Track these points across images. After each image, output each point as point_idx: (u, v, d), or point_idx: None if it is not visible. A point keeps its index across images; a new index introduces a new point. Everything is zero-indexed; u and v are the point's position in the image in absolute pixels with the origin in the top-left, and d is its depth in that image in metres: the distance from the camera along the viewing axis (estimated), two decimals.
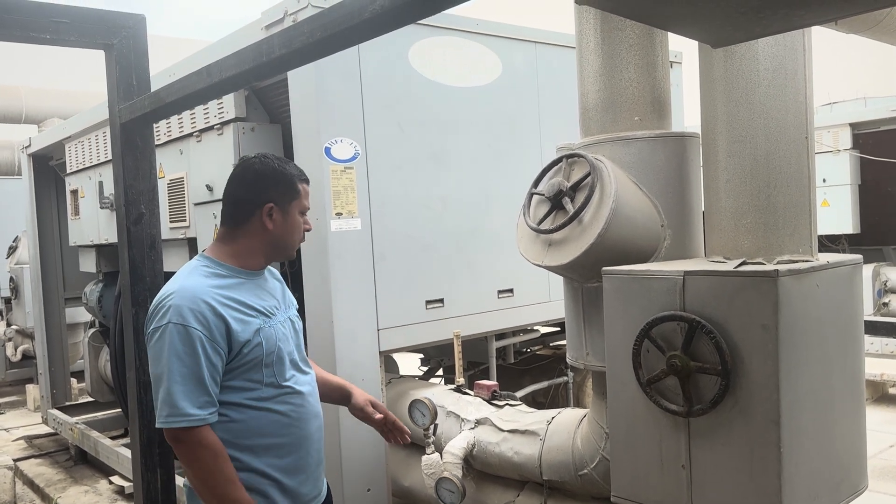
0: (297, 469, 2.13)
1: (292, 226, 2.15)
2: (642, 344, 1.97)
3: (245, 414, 2.04)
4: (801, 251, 2.04)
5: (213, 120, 3.77)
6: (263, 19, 3.25)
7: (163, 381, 1.94)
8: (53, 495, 5.54)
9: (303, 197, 2.16)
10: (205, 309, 1.96)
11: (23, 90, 9.67)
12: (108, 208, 5.04)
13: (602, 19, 2.41)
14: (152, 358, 1.99)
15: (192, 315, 1.94)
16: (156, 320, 1.98)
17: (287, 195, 2.12)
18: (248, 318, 2.03)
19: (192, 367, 1.93)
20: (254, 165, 2.14)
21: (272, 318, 2.11)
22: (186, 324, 1.93)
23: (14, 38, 2.26)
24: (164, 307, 1.98)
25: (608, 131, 2.42)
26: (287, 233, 2.14)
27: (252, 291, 2.10)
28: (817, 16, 1.39)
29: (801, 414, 1.80)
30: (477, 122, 3.62)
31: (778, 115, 2.02)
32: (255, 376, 2.04)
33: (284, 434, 2.09)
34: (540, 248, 2.42)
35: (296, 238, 2.18)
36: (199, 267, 2.09)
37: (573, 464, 2.65)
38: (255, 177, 2.12)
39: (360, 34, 1.49)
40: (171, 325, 1.94)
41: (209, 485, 1.97)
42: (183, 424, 1.93)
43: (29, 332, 8.31)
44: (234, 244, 2.13)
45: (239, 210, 2.13)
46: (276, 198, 2.11)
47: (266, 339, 2.05)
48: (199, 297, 1.97)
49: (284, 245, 2.17)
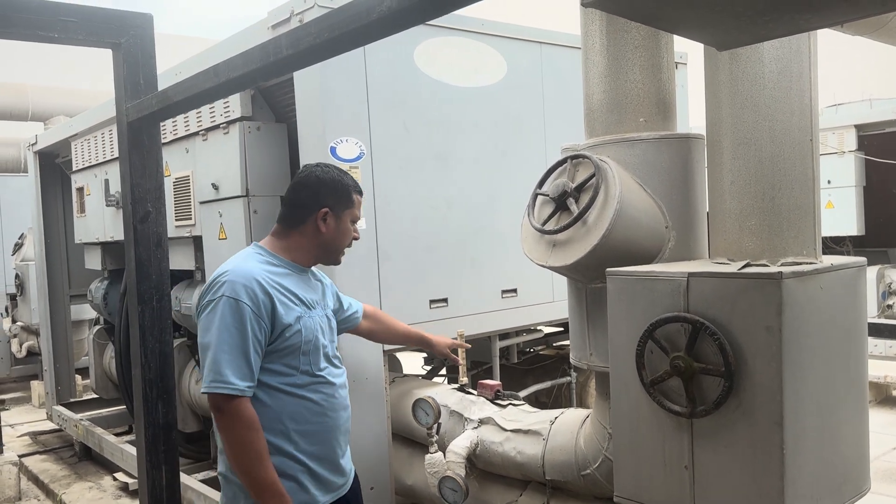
0: (325, 457, 2.29)
1: (343, 232, 2.36)
2: (646, 345, 1.98)
3: (280, 400, 2.20)
4: (806, 253, 2.04)
5: (219, 119, 3.79)
6: (270, 19, 3.26)
7: (211, 349, 2.10)
8: (58, 491, 5.56)
9: (356, 207, 2.38)
10: (255, 287, 2.14)
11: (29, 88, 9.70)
12: (114, 206, 5.06)
13: (608, 20, 2.41)
14: (203, 328, 2.15)
15: (243, 291, 2.12)
16: (210, 294, 2.16)
17: (342, 203, 2.34)
18: (292, 305, 2.21)
19: (239, 339, 2.09)
20: (315, 172, 2.36)
21: (312, 310, 2.30)
22: (238, 298, 2.11)
23: (23, 37, 2.28)
24: (218, 283, 2.17)
25: (613, 132, 2.43)
26: (337, 238, 2.35)
27: (298, 283, 2.29)
28: (823, 19, 1.40)
29: (804, 416, 1.81)
30: (482, 123, 3.63)
31: (783, 118, 2.02)
32: (292, 362, 2.21)
33: (315, 422, 2.25)
34: (544, 248, 2.43)
35: (344, 243, 2.39)
36: (253, 254, 2.30)
37: (576, 464, 2.66)
38: (315, 183, 2.33)
39: (368, 35, 1.49)
40: (224, 298, 2.12)
41: (239, 457, 2.12)
42: (225, 391, 2.07)
43: (34, 328, 8.35)
44: (287, 240, 2.34)
45: (297, 212, 2.34)
46: (332, 204, 2.32)
47: (305, 327, 2.23)
48: (251, 276, 2.16)
49: (333, 249, 2.38)
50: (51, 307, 6.69)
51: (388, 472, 3.28)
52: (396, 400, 3.37)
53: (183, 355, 4.97)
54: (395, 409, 3.34)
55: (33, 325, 8.34)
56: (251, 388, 2.12)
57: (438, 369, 4.56)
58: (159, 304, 2.52)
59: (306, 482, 2.24)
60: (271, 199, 3.75)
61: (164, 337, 2.54)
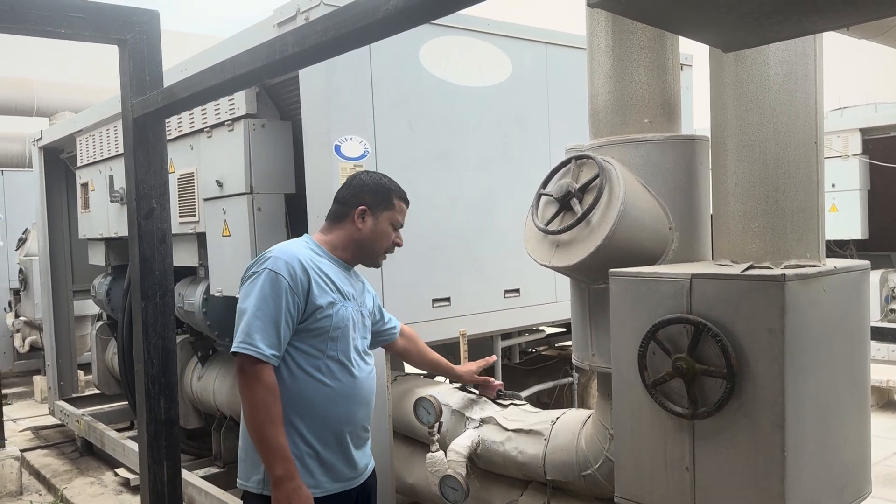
0: (336, 445, 2.36)
1: (379, 232, 2.46)
2: (648, 346, 1.98)
3: (299, 380, 2.30)
4: (809, 256, 2.04)
5: (224, 116, 3.79)
6: (276, 17, 3.26)
7: (246, 314, 2.23)
8: (59, 486, 5.58)
9: (396, 211, 2.48)
10: (296, 265, 2.28)
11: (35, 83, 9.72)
12: (119, 202, 5.07)
13: (613, 21, 2.41)
14: (243, 295, 2.29)
15: (284, 266, 2.26)
16: (255, 266, 2.32)
17: (380, 204, 2.45)
18: (327, 290, 2.34)
19: (273, 310, 2.22)
20: (361, 175, 2.52)
21: (347, 301, 2.40)
22: (278, 271, 2.25)
23: (30, 32, 2.29)
24: (264, 257, 2.32)
25: (617, 133, 2.43)
26: (373, 237, 2.45)
27: (338, 274, 2.42)
28: (829, 22, 1.40)
29: (806, 418, 1.81)
30: (486, 122, 3.63)
31: (787, 120, 2.02)
32: (319, 345, 2.32)
33: (330, 408, 2.33)
34: (547, 248, 2.43)
35: (381, 245, 2.48)
36: (301, 241, 2.45)
37: (577, 464, 2.66)
38: (358, 183, 2.47)
39: (374, 33, 1.50)
40: (267, 270, 2.26)
41: (255, 419, 2.21)
42: (250, 353, 2.19)
43: (37, 323, 8.36)
44: (330, 235, 2.47)
45: (340, 208, 2.48)
46: (370, 203, 2.44)
47: (336, 314, 2.33)
48: (294, 255, 2.31)
49: (369, 248, 2.47)
50: (54, 302, 6.71)
51: (390, 470, 3.29)
52: (398, 398, 3.38)
53: (185, 352, 4.98)
54: (396, 408, 3.35)
55: (36, 321, 8.36)
56: (276, 358, 2.23)
57: None
58: (163, 300, 2.53)
59: (313, 466, 2.31)
60: (275, 196, 3.76)
61: (167, 333, 2.55)
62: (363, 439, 2.49)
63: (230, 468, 4.59)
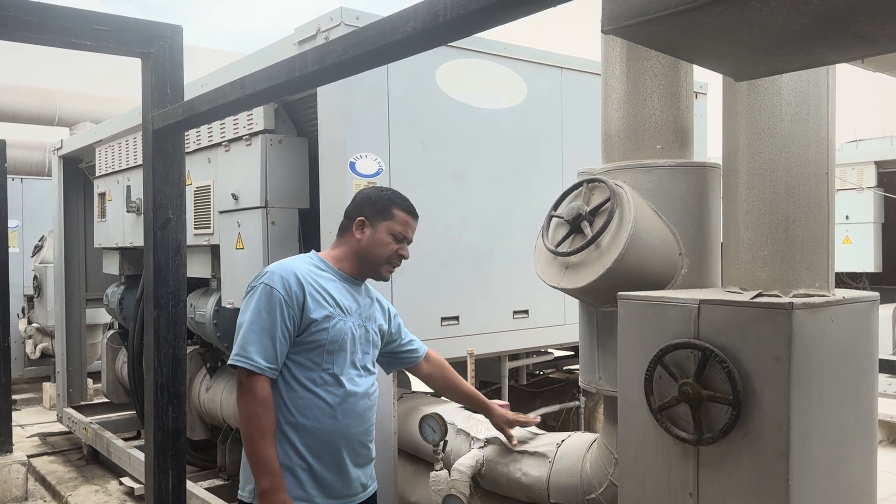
0: (329, 460, 2.34)
1: (378, 242, 2.44)
2: (655, 370, 1.98)
3: (295, 391, 2.33)
4: (818, 286, 2.04)
5: (241, 131, 3.85)
6: (296, 35, 3.32)
7: (243, 328, 2.29)
8: (64, 493, 5.59)
9: (395, 222, 2.45)
10: (291, 279, 2.31)
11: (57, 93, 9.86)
12: (135, 212, 5.13)
13: (628, 48, 2.45)
14: (241, 310, 2.35)
15: (280, 281, 2.30)
16: (254, 281, 2.36)
17: (378, 214, 2.45)
18: (324, 304, 2.35)
19: (269, 324, 2.26)
20: (366, 189, 2.55)
21: (347, 316, 2.40)
22: (273, 285, 2.29)
23: (56, 44, 2.34)
24: (263, 273, 2.36)
25: (630, 158, 2.45)
26: (371, 246, 2.44)
27: (340, 289, 2.42)
28: (841, 54, 1.41)
29: (811, 448, 1.80)
30: (500, 144, 3.66)
31: (799, 150, 2.04)
32: (315, 358, 2.34)
33: (323, 421, 2.32)
34: (557, 270, 2.44)
35: (379, 255, 2.45)
36: (304, 256, 2.49)
37: (581, 488, 2.65)
38: (361, 196, 2.51)
39: (392, 54, 1.53)
40: (263, 285, 2.31)
41: (245, 430, 2.26)
42: (245, 365, 2.24)
43: (49, 330, 8.43)
44: (336, 250, 2.51)
45: (344, 223, 2.52)
46: (369, 214, 2.45)
47: (333, 328, 2.34)
48: (291, 270, 2.34)
49: (369, 259, 2.46)
50: (66, 310, 6.77)
51: (393, 487, 3.28)
52: (404, 416, 3.38)
53: (195, 363, 5.00)
54: (401, 426, 3.35)
55: (48, 327, 8.42)
56: (272, 370, 2.26)
57: None
58: (175, 310, 2.55)
59: (304, 479, 2.31)
60: (290, 210, 3.80)
61: (178, 342, 2.56)
62: (363, 456, 2.46)
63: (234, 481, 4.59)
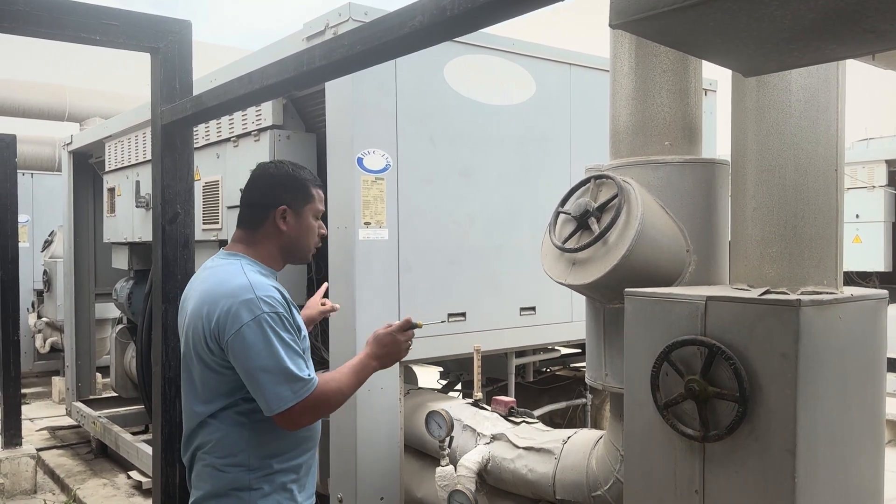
0: (307, 467, 2.22)
1: (306, 228, 2.22)
2: (661, 367, 1.98)
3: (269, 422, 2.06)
4: (826, 283, 2.04)
5: (250, 126, 3.85)
6: (305, 31, 3.32)
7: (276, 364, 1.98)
8: (73, 486, 5.63)
9: (316, 201, 2.24)
10: (279, 297, 2.06)
11: (67, 89, 9.91)
12: (144, 207, 5.15)
13: (637, 44, 2.44)
14: (255, 351, 1.98)
15: (276, 303, 2.04)
16: (242, 316, 1.99)
17: (300, 198, 2.20)
18: (295, 311, 2.15)
19: (291, 346, 2.02)
20: (269, 170, 2.24)
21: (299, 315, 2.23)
22: (275, 310, 2.02)
23: (67, 38, 2.35)
24: (247, 303, 2.00)
25: (638, 154, 2.44)
26: (300, 235, 2.22)
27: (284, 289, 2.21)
28: (850, 50, 1.41)
29: (818, 445, 1.80)
30: (508, 140, 3.66)
31: (808, 147, 2.03)
32: None
33: (306, 433, 2.18)
34: (564, 266, 2.44)
35: (310, 241, 2.25)
36: (245, 265, 2.13)
37: (587, 485, 2.65)
38: (270, 181, 2.21)
39: (399, 49, 1.53)
40: (264, 314, 1.99)
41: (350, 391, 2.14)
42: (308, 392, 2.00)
43: (58, 324, 8.48)
44: (256, 247, 2.20)
45: (255, 213, 2.21)
46: (289, 200, 2.19)
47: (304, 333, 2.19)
48: (269, 286, 2.07)
49: (299, 248, 2.24)
50: (76, 304, 6.80)
51: (399, 483, 3.29)
52: (410, 412, 3.39)
53: None
54: (408, 421, 3.35)
55: (58, 322, 8.48)
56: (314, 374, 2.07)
57: (454, 384, 4.57)
58: None
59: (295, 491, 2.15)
60: None
61: None
62: None
63: None
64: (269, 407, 1.99)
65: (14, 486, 5.61)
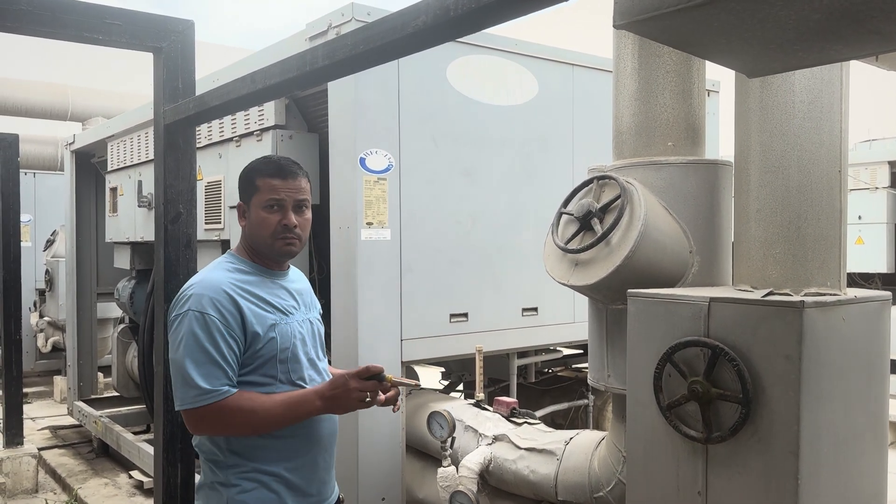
0: (304, 468, 2.14)
1: (256, 221, 2.14)
2: (664, 368, 1.97)
3: None
4: (830, 284, 2.03)
5: (253, 126, 3.85)
6: (307, 31, 3.32)
7: (180, 364, 1.99)
8: (74, 486, 5.63)
9: (263, 191, 2.12)
10: (222, 298, 2.02)
11: (70, 88, 9.92)
12: (146, 207, 5.16)
13: (640, 44, 2.43)
14: (173, 343, 2.04)
15: (210, 303, 2.00)
16: (177, 309, 2.05)
17: (247, 192, 2.17)
18: (264, 313, 2.08)
19: (208, 352, 1.97)
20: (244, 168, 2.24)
21: (289, 316, 2.14)
22: (204, 311, 1.99)
23: (69, 38, 2.35)
24: (185, 297, 2.05)
25: (641, 155, 2.44)
26: (254, 231, 2.15)
27: (269, 289, 2.15)
28: (854, 50, 1.40)
29: (821, 447, 1.79)
30: (511, 140, 3.66)
31: (811, 148, 2.02)
32: (270, 371, 2.08)
33: (294, 433, 2.10)
34: (566, 267, 2.44)
35: (263, 235, 2.13)
36: (222, 262, 2.18)
37: (589, 486, 2.65)
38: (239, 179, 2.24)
39: (402, 49, 1.53)
40: (191, 312, 2.00)
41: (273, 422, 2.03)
42: (201, 403, 1.96)
43: (60, 324, 8.49)
44: (242, 245, 2.23)
45: None
46: (242, 196, 2.19)
47: (281, 334, 2.08)
48: (218, 287, 2.03)
49: (259, 243, 2.15)
50: (78, 304, 6.81)
51: (401, 483, 3.29)
52: (412, 412, 3.38)
53: None
54: (410, 422, 3.35)
55: (59, 321, 8.48)
56: (231, 387, 1.99)
57: (456, 385, 4.56)
58: None
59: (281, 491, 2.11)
60: None
61: None
62: (331, 456, 2.26)
63: None
64: (175, 402, 2.03)
65: (15, 486, 5.61)
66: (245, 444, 2.08)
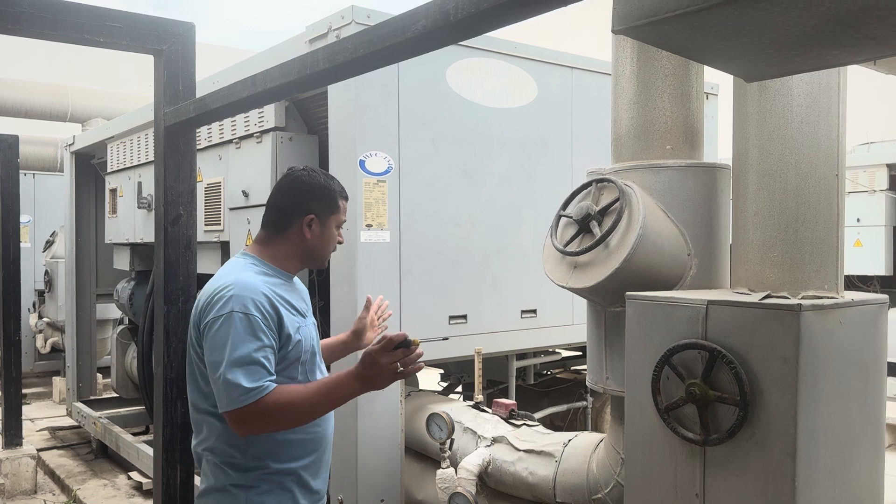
0: (314, 466, 2.23)
1: (328, 238, 2.29)
2: (662, 370, 1.98)
3: None
4: (827, 288, 2.04)
5: (252, 128, 3.86)
6: (308, 33, 3.33)
7: (227, 366, 1.99)
8: (73, 487, 5.63)
9: (341, 212, 2.31)
10: (262, 300, 2.06)
11: (70, 89, 9.92)
12: (146, 208, 5.16)
13: (639, 48, 2.45)
14: (214, 345, 2.03)
15: (252, 304, 2.04)
16: (216, 310, 2.05)
17: (327, 209, 2.27)
18: (293, 316, 2.16)
19: (253, 351, 2.00)
20: (301, 178, 2.28)
21: (306, 318, 2.25)
22: (248, 312, 2.03)
23: (70, 40, 2.35)
24: (223, 297, 2.05)
25: (639, 158, 2.45)
26: (322, 244, 2.28)
27: (290, 292, 2.24)
28: (851, 56, 1.42)
29: (818, 449, 1.80)
30: (510, 143, 3.67)
31: (809, 152, 2.03)
32: (292, 373, 2.15)
33: (309, 432, 2.19)
34: (565, 269, 2.44)
35: (329, 249, 2.32)
36: (248, 264, 2.20)
37: (587, 487, 2.65)
38: (301, 188, 2.26)
39: (403, 52, 1.53)
40: (235, 313, 2.02)
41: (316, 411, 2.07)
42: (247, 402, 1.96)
43: (59, 325, 8.49)
44: (272, 248, 2.26)
45: (282, 218, 2.27)
46: (318, 210, 2.25)
47: (304, 337, 2.17)
48: (256, 289, 2.08)
49: (318, 255, 2.31)
50: (77, 305, 6.81)
51: (399, 485, 3.29)
52: (411, 414, 3.39)
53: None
54: (409, 423, 3.36)
55: (59, 322, 8.48)
56: (273, 382, 2.01)
57: (455, 386, 4.57)
58: (185, 305, 2.56)
59: (297, 491, 2.17)
60: None
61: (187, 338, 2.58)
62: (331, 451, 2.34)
63: None
64: (219, 405, 2.03)
65: (14, 487, 5.61)
66: (267, 445, 2.13)
